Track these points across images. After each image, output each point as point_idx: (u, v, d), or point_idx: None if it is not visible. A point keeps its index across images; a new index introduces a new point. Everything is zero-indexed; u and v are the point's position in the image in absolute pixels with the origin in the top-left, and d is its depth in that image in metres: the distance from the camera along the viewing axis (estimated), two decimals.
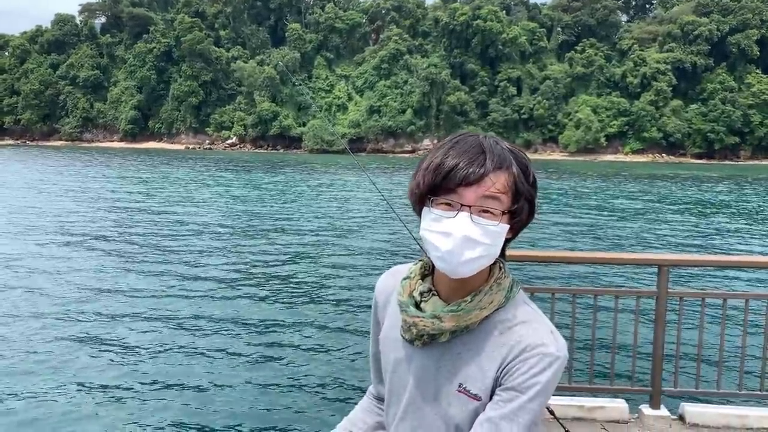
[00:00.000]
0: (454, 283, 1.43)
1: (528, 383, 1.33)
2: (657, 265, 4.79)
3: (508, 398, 1.35)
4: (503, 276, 1.45)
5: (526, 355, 1.35)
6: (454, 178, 1.33)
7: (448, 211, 1.35)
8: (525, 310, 1.43)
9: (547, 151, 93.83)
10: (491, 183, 1.33)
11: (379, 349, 1.62)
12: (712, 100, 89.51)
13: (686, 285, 12.61)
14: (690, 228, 23.20)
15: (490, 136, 1.42)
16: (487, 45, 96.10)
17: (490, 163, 1.33)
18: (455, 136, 1.43)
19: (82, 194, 30.74)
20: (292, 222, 22.90)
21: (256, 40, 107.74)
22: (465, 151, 1.35)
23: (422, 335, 1.44)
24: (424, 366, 1.47)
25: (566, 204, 30.34)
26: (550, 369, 1.34)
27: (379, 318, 1.65)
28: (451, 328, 1.40)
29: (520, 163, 1.39)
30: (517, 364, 1.35)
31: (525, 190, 1.38)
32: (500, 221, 1.35)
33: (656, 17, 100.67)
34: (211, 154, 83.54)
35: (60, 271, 13.96)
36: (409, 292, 1.50)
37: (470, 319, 1.40)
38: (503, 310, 1.42)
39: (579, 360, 5.79)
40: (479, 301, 1.40)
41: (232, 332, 9.97)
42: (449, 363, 1.44)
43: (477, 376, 1.40)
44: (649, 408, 4.82)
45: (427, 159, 1.41)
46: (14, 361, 8.58)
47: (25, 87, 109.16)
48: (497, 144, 1.39)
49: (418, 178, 1.41)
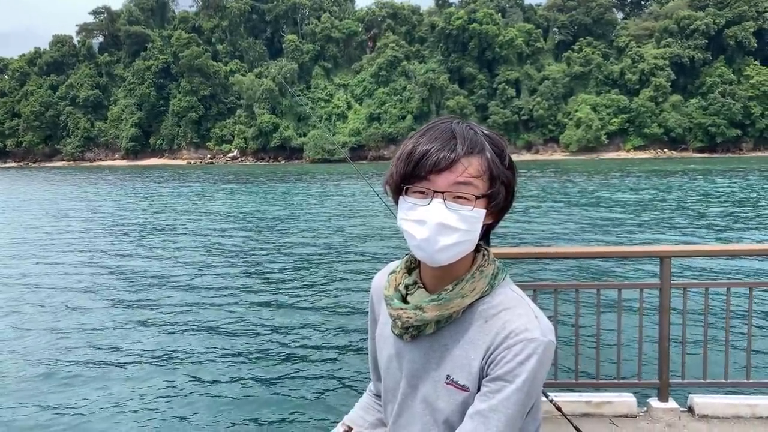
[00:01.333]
0: (438, 272, 1.41)
1: (515, 372, 1.30)
2: (659, 256, 4.75)
3: (496, 389, 1.32)
4: (486, 263, 1.43)
5: (510, 342, 1.31)
6: (425, 165, 1.31)
7: (422, 198, 1.33)
8: (509, 297, 1.40)
9: (548, 151, 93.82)
10: (463, 168, 1.31)
11: (375, 347, 1.62)
12: (712, 94, 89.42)
13: (690, 276, 12.55)
14: (693, 220, 23.14)
15: (463, 121, 1.39)
16: (484, 48, 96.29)
17: (461, 147, 1.31)
18: (429, 123, 1.41)
19: (94, 213, 30.97)
20: (297, 229, 23.00)
21: (254, 53, 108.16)
22: (436, 138, 1.33)
23: (408, 328, 1.42)
24: (413, 360, 1.45)
25: (568, 202, 30.29)
26: (535, 355, 1.30)
27: (375, 315, 1.64)
28: (434, 318, 1.38)
29: (494, 146, 1.36)
30: (501, 352, 1.32)
31: (500, 173, 1.35)
32: (475, 206, 1.33)
33: (652, 13, 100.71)
34: (213, 168, 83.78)
35: (77, 286, 14.03)
36: (394, 285, 1.49)
37: (452, 307, 1.38)
38: (488, 298, 1.40)
39: (585, 355, 5.75)
40: (461, 288, 1.38)
41: (245, 335, 10.05)
42: (437, 355, 1.42)
43: (463, 366, 1.38)
44: (657, 401, 4.78)
45: (401, 148, 1.39)
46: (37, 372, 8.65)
47: (25, 109, 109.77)
48: (470, 129, 1.36)
49: (392, 167, 1.40)
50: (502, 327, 1.34)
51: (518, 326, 1.32)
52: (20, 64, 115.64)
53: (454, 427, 1.38)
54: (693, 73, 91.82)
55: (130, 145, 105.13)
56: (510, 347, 1.31)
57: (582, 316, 4.91)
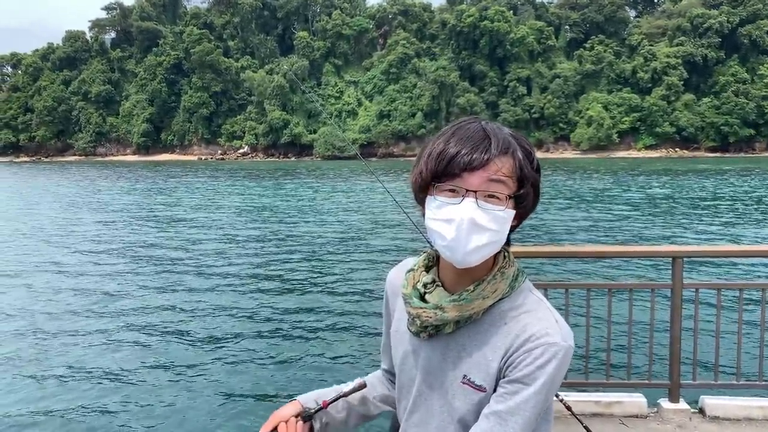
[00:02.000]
0: (459, 272, 1.40)
1: (534, 375, 1.30)
2: (671, 256, 4.73)
3: (514, 390, 1.32)
4: (507, 265, 1.42)
5: (530, 346, 1.31)
6: (459, 163, 1.30)
7: (452, 197, 1.32)
8: (530, 300, 1.40)
9: (559, 149, 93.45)
10: (497, 167, 1.31)
11: (390, 342, 1.62)
12: (725, 93, 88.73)
13: (702, 276, 12.48)
14: (705, 220, 22.99)
15: (491, 121, 1.39)
16: (495, 46, 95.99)
17: (495, 148, 1.31)
18: (456, 123, 1.40)
19: (116, 206, 31.56)
20: (309, 223, 23.17)
21: (265, 50, 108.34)
22: (468, 137, 1.33)
23: (426, 327, 1.42)
24: (430, 358, 1.45)
25: (580, 200, 30.18)
26: (555, 359, 1.30)
27: (390, 310, 1.64)
28: (454, 318, 1.38)
29: (523, 148, 1.37)
30: (521, 355, 1.32)
31: (530, 175, 1.36)
32: (507, 206, 1.33)
33: (665, 11, 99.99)
34: (224, 164, 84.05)
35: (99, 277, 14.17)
36: (413, 284, 1.48)
37: (472, 308, 1.37)
38: (508, 300, 1.40)
39: (595, 355, 5.74)
40: (482, 290, 1.37)
41: (259, 325, 10.18)
42: (454, 354, 1.42)
43: (481, 366, 1.37)
44: (668, 401, 4.76)
45: (429, 147, 1.38)
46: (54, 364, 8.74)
47: (38, 104, 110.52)
48: (500, 129, 1.37)
49: (421, 166, 1.37)
50: (522, 330, 1.34)
51: (539, 330, 1.32)
52: (33, 59, 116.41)
53: (469, 426, 1.38)
54: (706, 71, 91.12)
55: (142, 141, 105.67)
56: (530, 351, 1.31)
57: (593, 315, 4.90)
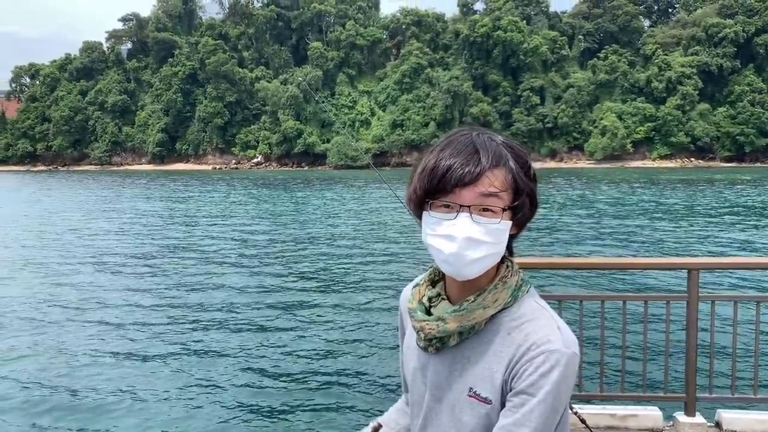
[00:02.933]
0: (462, 285, 1.40)
1: (537, 384, 1.29)
2: (687, 268, 4.70)
3: (520, 403, 1.30)
4: (510, 274, 1.42)
5: (532, 354, 1.30)
6: (450, 179, 1.31)
7: (447, 213, 1.33)
8: (532, 308, 1.39)
9: (572, 159, 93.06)
10: (489, 181, 1.31)
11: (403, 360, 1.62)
12: (741, 103, 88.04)
13: (718, 289, 12.37)
14: (721, 231, 22.78)
15: (482, 132, 1.38)
16: (508, 55, 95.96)
17: (485, 160, 1.31)
18: (447, 136, 1.40)
19: (133, 214, 32.18)
20: (325, 233, 23.26)
21: (279, 60, 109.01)
22: (460, 152, 1.33)
23: (431, 339, 1.42)
24: (437, 372, 1.45)
25: (593, 211, 30.01)
26: (558, 367, 1.29)
27: (403, 329, 1.64)
28: (456, 329, 1.38)
29: (517, 157, 1.36)
30: (524, 365, 1.31)
31: (524, 184, 1.35)
32: (502, 218, 1.33)
33: (679, 21, 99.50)
34: (238, 174, 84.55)
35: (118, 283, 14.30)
36: (418, 298, 1.49)
37: (474, 318, 1.37)
38: (511, 309, 1.39)
39: (610, 367, 5.70)
40: (483, 299, 1.37)
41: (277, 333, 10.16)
42: (460, 367, 1.41)
43: (486, 378, 1.37)
44: (684, 415, 4.72)
45: (422, 163, 1.38)
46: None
47: (55, 114, 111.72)
48: (491, 140, 1.36)
49: (415, 182, 1.38)
50: (524, 339, 1.33)
51: (540, 338, 1.32)
52: (51, 69, 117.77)
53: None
54: (721, 81, 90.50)
55: (157, 150, 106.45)
56: (532, 359, 1.30)
57: (607, 327, 4.87)
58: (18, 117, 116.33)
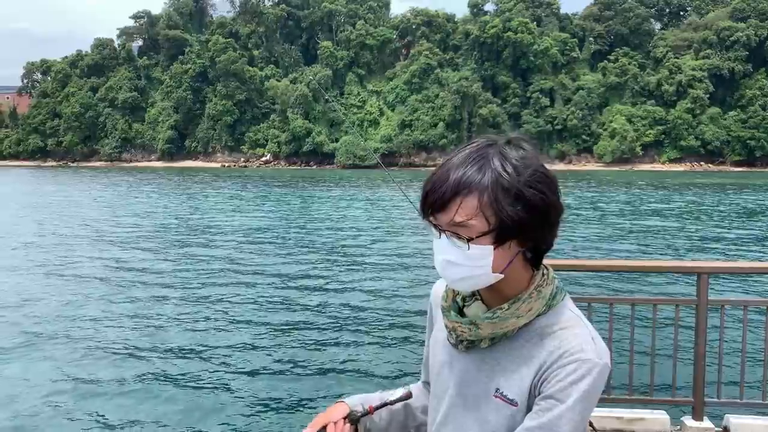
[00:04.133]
0: (490, 291, 1.40)
1: (567, 391, 1.29)
2: (696, 272, 4.69)
3: (547, 407, 1.30)
4: (545, 283, 1.40)
5: (564, 361, 1.30)
6: (425, 203, 1.34)
7: (434, 231, 1.36)
8: (567, 317, 1.39)
9: (581, 161, 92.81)
10: (454, 210, 1.29)
11: (429, 353, 1.63)
12: (752, 107, 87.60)
13: (727, 293, 12.31)
14: (731, 236, 22.66)
15: (496, 144, 1.35)
16: (518, 57, 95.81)
17: (452, 188, 1.29)
18: (459, 148, 1.39)
19: (146, 210, 32.23)
20: (337, 231, 23.34)
21: (289, 59, 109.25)
22: (442, 174, 1.33)
23: (462, 340, 1.43)
24: (465, 370, 1.46)
25: (602, 214, 29.93)
26: (589, 376, 1.28)
27: (432, 321, 1.65)
28: (488, 335, 1.39)
29: (500, 179, 1.29)
30: (555, 371, 1.31)
31: (506, 209, 1.28)
32: (474, 244, 1.30)
33: (691, 24, 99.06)
34: (247, 172, 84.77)
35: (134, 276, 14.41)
36: (452, 297, 1.50)
37: (506, 327, 1.37)
38: (545, 317, 1.39)
39: (618, 370, 5.68)
40: (516, 309, 1.37)
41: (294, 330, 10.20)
42: (488, 368, 1.42)
43: (514, 381, 1.37)
44: (691, 419, 4.70)
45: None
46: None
47: (66, 110, 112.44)
48: (481, 158, 1.31)
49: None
50: (557, 346, 1.33)
51: (574, 346, 1.31)
52: (63, 66, 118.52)
53: None
54: (732, 85, 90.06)
55: (166, 147, 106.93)
56: (563, 366, 1.30)
57: (616, 330, 4.86)
58: (29, 112, 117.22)
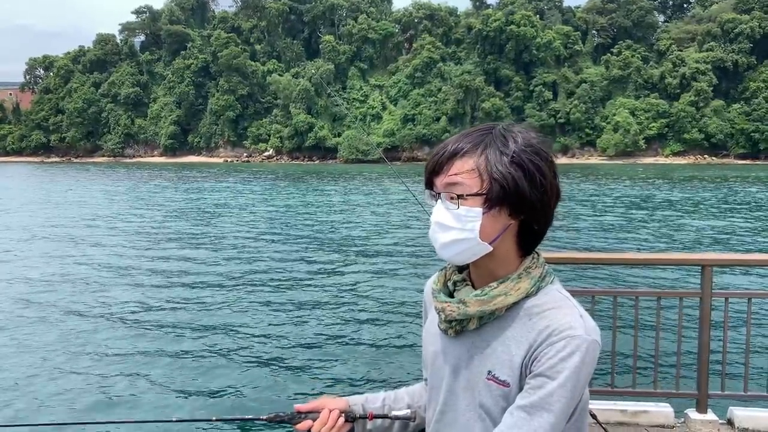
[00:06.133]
0: (479, 272, 1.45)
1: (557, 367, 1.30)
2: (701, 264, 4.67)
3: (538, 385, 1.32)
4: (535, 266, 1.43)
5: (553, 339, 1.32)
6: (428, 168, 1.43)
7: (433, 201, 1.43)
8: (555, 297, 1.40)
9: (585, 155, 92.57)
10: (452, 169, 1.37)
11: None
12: (756, 99, 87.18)
13: (732, 285, 12.28)
14: (736, 228, 22.61)
15: (506, 124, 1.43)
16: (521, 50, 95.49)
17: (450, 148, 1.38)
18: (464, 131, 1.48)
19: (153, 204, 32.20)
20: (341, 225, 23.32)
21: (291, 54, 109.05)
22: (446, 142, 1.43)
23: (451, 321, 1.44)
24: (457, 356, 1.47)
25: (606, 207, 29.88)
26: (578, 352, 1.30)
27: (427, 313, 1.66)
28: (477, 313, 1.40)
29: (499, 144, 1.37)
30: (544, 349, 1.32)
31: (500, 170, 1.35)
32: (466, 204, 1.36)
33: (694, 16, 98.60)
34: (250, 167, 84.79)
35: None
36: (443, 281, 1.52)
37: (495, 304, 1.39)
38: (534, 297, 1.40)
39: (622, 363, 5.67)
40: (505, 287, 1.39)
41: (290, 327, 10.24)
42: (479, 351, 1.43)
43: (505, 362, 1.38)
44: (695, 412, 4.68)
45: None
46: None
47: (69, 105, 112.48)
48: (482, 133, 1.40)
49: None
50: (546, 325, 1.34)
51: (563, 324, 1.33)
52: (65, 61, 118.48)
53: (496, 423, 1.38)
54: (736, 77, 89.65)
55: (169, 143, 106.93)
56: (553, 344, 1.31)
57: (620, 323, 4.85)
58: (32, 108, 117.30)
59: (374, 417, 1.64)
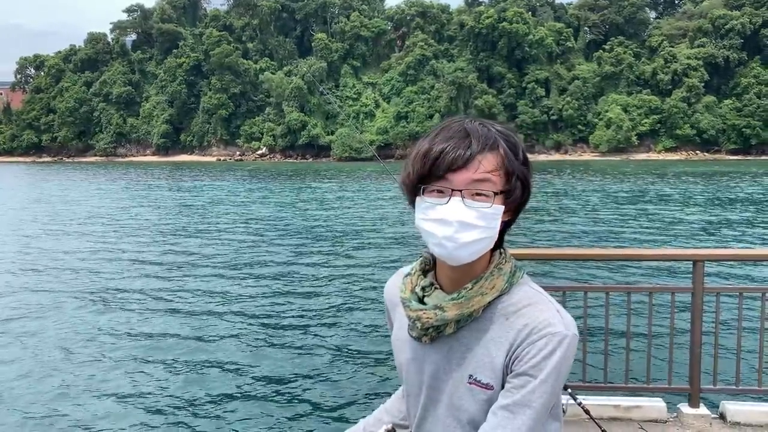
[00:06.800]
0: (456, 272, 1.41)
1: (539, 366, 1.30)
2: (692, 260, 4.68)
3: (520, 384, 1.31)
4: (504, 261, 1.42)
5: (534, 338, 1.31)
6: (442, 164, 1.33)
7: (440, 198, 1.34)
8: (529, 294, 1.40)
9: (577, 151, 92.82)
10: (480, 165, 1.32)
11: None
12: (747, 95, 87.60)
13: (723, 280, 12.34)
14: (727, 223, 22.72)
15: (475, 118, 1.40)
16: (513, 47, 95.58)
17: (476, 144, 1.32)
18: (442, 123, 1.42)
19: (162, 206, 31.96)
20: (334, 221, 23.26)
21: (284, 51, 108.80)
22: (450, 137, 1.34)
23: (428, 329, 1.41)
24: (434, 362, 1.44)
25: (598, 203, 29.96)
26: (560, 348, 1.30)
27: (391, 321, 1.62)
28: (455, 317, 1.38)
29: (508, 142, 1.36)
30: (525, 348, 1.32)
31: (516, 168, 1.36)
32: (493, 203, 1.33)
33: (686, 12, 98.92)
34: (243, 165, 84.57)
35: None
36: (410, 288, 1.47)
37: (472, 306, 1.37)
38: (507, 296, 1.40)
39: (614, 359, 5.69)
40: (480, 287, 1.38)
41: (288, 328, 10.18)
42: (458, 356, 1.41)
43: (486, 365, 1.37)
44: (688, 407, 4.71)
45: (416, 148, 1.41)
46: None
47: (60, 105, 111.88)
48: (482, 126, 1.37)
49: (408, 167, 1.40)
50: (524, 324, 1.34)
51: (541, 321, 1.33)
52: (56, 61, 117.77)
53: (477, 427, 1.37)
54: (727, 73, 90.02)
55: (161, 142, 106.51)
56: (534, 342, 1.31)
57: (612, 318, 4.86)
58: (23, 108, 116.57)
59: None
